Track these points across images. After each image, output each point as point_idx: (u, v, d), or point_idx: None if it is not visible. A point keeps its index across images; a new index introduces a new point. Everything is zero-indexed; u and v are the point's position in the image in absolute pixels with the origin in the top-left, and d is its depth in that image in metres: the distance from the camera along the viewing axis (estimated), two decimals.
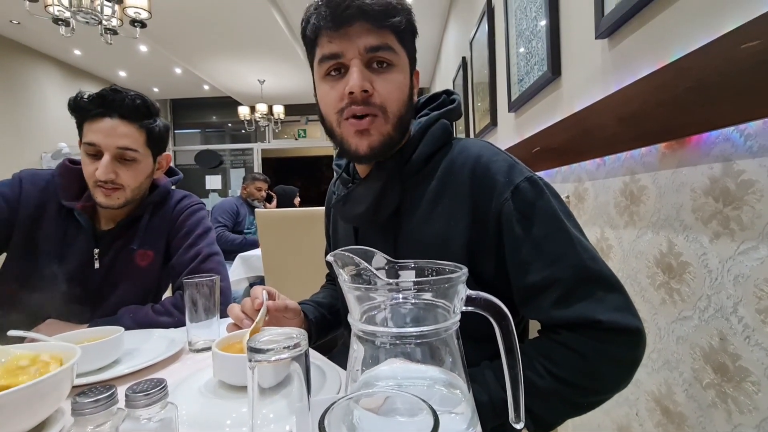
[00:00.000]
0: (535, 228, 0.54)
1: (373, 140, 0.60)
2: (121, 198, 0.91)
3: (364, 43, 0.57)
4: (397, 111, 0.61)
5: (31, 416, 0.43)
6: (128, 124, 0.89)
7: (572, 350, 0.50)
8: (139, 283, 0.98)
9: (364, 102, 0.58)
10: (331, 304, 0.84)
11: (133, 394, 0.36)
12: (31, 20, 3.92)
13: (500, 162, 0.59)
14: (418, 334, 0.30)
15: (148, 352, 0.71)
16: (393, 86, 0.60)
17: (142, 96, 0.92)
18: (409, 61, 0.63)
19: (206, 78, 5.96)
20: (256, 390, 0.36)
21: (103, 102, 0.87)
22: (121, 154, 0.89)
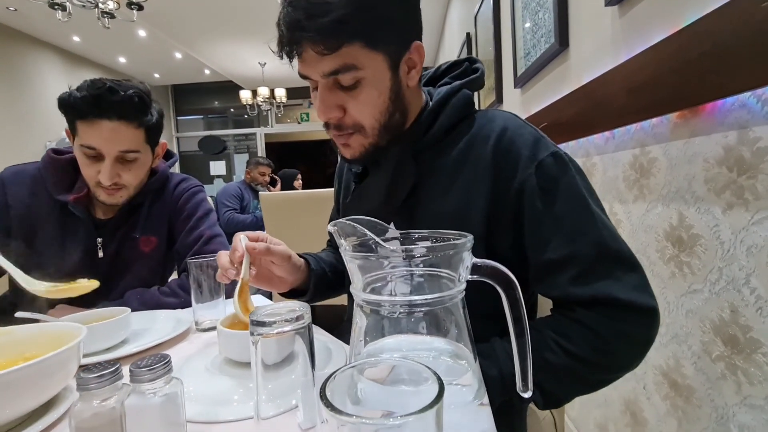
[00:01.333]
0: (558, 204, 0.53)
1: (355, 151, 0.61)
2: (124, 196, 0.91)
3: (321, 70, 0.54)
4: (375, 124, 0.58)
5: (39, 393, 0.43)
6: (127, 125, 0.85)
7: (587, 327, 0.50)
8: (145, 269, 0.99)
9: (337, 127, 0.59)
10: (332, 263, 0.81)
11: (137, 369, 0.36)
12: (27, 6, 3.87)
13: (526, 135, 0.56)
14: (422, 302, 0.29)
15: (155, 332, 0.71)
16: (364, 104, 0.57)
17: (138, 90, 0.87)
18: (388, 57, 0.56)
19: (206, 62, 5.89)
20: (260, 363, 0.36)
21: (99, 103, 0.82)
22: (123, 156, 0.87)
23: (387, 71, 0.57)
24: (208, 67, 6.24)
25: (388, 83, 0.57)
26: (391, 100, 0.58)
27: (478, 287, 0.34)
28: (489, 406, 0.33)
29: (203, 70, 6.42)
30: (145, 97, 0.89)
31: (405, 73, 0.59)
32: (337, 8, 0.50)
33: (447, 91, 0.62)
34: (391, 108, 0.58)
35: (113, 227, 0.95)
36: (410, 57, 0.59)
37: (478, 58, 0.69)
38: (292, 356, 0.41)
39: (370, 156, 0.61)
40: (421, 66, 0.61)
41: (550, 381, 0.51)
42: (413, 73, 0.60)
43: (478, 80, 0.65)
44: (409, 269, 0.31)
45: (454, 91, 0.62)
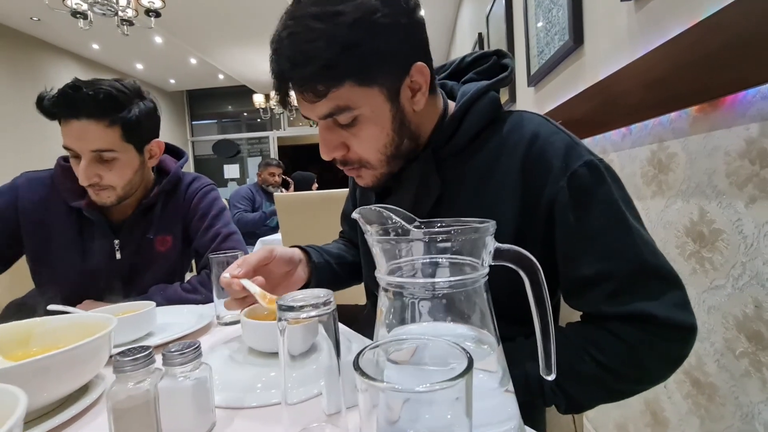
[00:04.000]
0: (592, 218, 0.49)
1: (368, 181, 0.60)
2: (112, 196, 0.89)
3: (316, 114, 0.53)
4: (381, 157, 0.56)
5: (73, 379, 0.45)
6: (97, 123, 0.83)
7: (620, 339, 0.48)
8: (162, 268, 1.01)
9: (343, 163, 0.58)
10: (340, 255, 0.80)
11: (169, 353, 0.38)
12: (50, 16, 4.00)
13: (557, 143, 0.53)
14: (444, 284, 0.29)
15: (178, 326, 0.73)
16: (366, 141, 0.55)
17: (109, 87, 0.84)
18: (385, 89, 0.53)
19: (220, 67, 5.99)
20: (287, 349, 0.37)
21: (66, 102, 0.82)
22: (98, 156, 0.85)
23: (385, 104, 0.53)
24: (222, 72, 6.35)
25: (389, 115, 0.54)
26: (395, 131, 0.55)
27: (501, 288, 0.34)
28: (514, 394, 0.33)
29: (217, 75, 6.54)
30: (118, 94, 0.85)
31: (408, 98, 0.55)
32: (319, 54, 0.48)
33: (472, 95, 0.58)
34: (396, 139, 0.56)
35: (129, 229, 0.96)
36: (412, 81, 0.54)
37: (507, 52, 0.64)
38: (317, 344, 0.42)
39: (387, 182, 0.60)
40: (428, 86, 0.56)
41: (575, 388, 0.50)
42: (418, 96, 0.56)
43: (506, 80, 0.60)
44: (432, 257, 0.32)
45: (479, 94, 0.58)
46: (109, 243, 0.95)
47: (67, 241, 0.92)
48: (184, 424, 0.38)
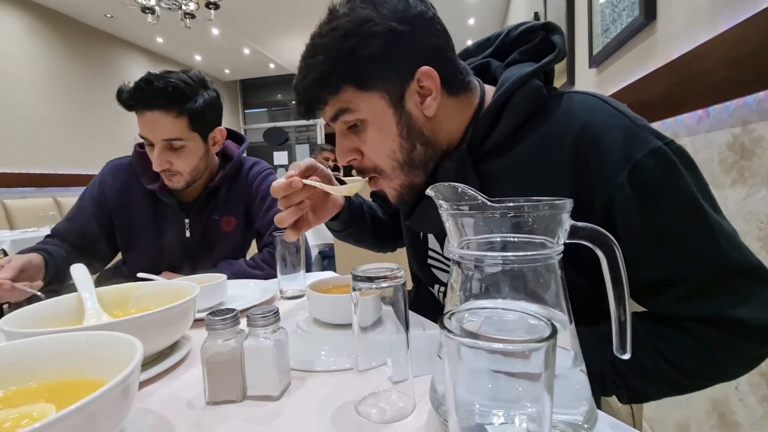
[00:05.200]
0: (662, 214, 0.44)
1: (393, 195, 0.59)
2: (180, 181, 0.96)
3: (326, 118, 0.56)
4: (393, 164, 0.55)
5: (167, 335, 0.51)
6: (167, 113, 0.89)
7: (699, 341, 0.45)
8: (228, 245, 1.08)
9: (360, 171, 0.58)
10: (372, 207, 0.82)
11: (253, 315, 0.41)
12: (122, 12, 4.32)
13: (614, 131, 0.47)
14: (517, 258, 0.30)
15: (246, 298, 0.79)
16: (373, 146, 0.54)
17: (177, 79, 0.90)
18: (386, 94, 0.52)
19: (272, 56, 6.18)
20: (359, 319, 0.39)
21: (140, 95, 0.89)
22: (168, 144, 0.92)
23: (387, 109, 0.53)
24: (273, 61, 6.55)
25: (392, 120, 0.53)
26: (403, 137, 0.54)
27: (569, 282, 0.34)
28: (587, 375, 0.33)
29: (269, 64, 6.75)
30: (184, 86, 0.90)
31: (416, 104, 0.53)
32: (317, 66, 0.51)
33: (509, 86, 0.53)
34: (405, 145, 0.54)
35: (197, 210, 1.04)
36: (421, 86, 0.53)
37: (557, 25, 0.57)
38: (384, 316, 0.44)
39: (414, 195, 0.58)
40: (438, 91, 0.53)
41: (639, 380, 0.48)
42: (428, 102, 0.53)
43: (554, 62, 0.55)
44: (506, 233, 0.32)
45: (518, 85, 0.53)
46: (181, 222, 1.04)
47: (145, 220, 1.02)
48: (265, 380, 0.42)
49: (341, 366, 0.48)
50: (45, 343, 0.38)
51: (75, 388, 0.36)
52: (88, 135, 4.81)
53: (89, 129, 4.82)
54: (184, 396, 0.43)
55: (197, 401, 0.42)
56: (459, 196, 0.34)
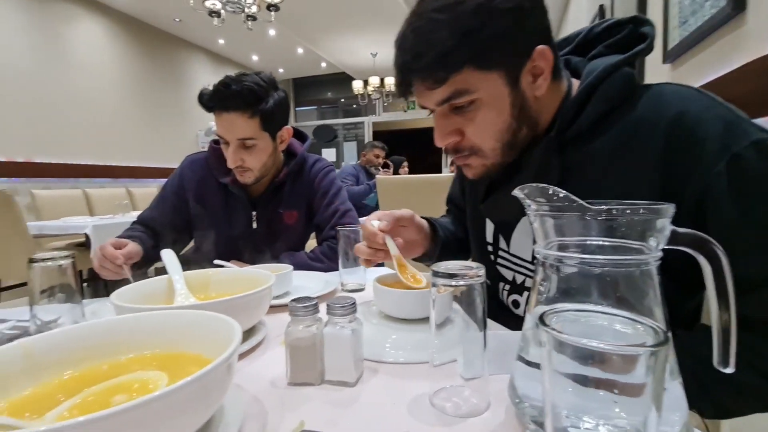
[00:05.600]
0: (763, 209, 0.42)
1: (476, 171, 0.59)
2: (251, 177, 1.03)
3: (434, 100, 0.54)
4: (496, 145, 0.55)
5: (248, 319, 0.54)
6: (241, 114, 0.95)
7: None
8: (290, 238, 1.14)
9: (455, 150, 0.58)
10: (453, 231, 0.82)
11: (333, 305, 0.44)
12: (189, 16, 4.62)
13: (711, 120, 0.45)
14: (610, 263, 0.29)
15: (309, 289, 0.83)
16: (482, 127, 0.54)
17: (251, 82, 0.96)
18: (505, 74, 0.52)
19: (324, 55, 6.34)
20: (436, 314, 0.40)
21: (218, 97, 0.96)
22: (242, 143, 0.99)
23: (504, 88, 0.52)
24: (325, 60, 6.71)
25: (508, 100, 0.53)
26: (514, 117, 0.54)
27: None
28: (683, 386, 0.32)
29: (321, 63, 6.93)
30: (258, 88, 0.97)
31: (529, 83, 0.53)
32: (440, 42, 0.49)
33: (599, 73, 0.52)
34: (514, 125, 0.54)
35: (264, 203, 1.11)
36: (534, 65, 0.52)
37: (648, 18, 0.56)
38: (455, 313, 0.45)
39: (494, 174, 0.59)
40: (550, 71, 0.53)
41: (726, 394, 0.45)
42: (540, 82, 0.53)
43: (645, 52, 0.53)
44: (596, 239, 0.32)
45: (608, 72, 0.52)
46: (248, 214, 1.10)
47: (217, 211, 1.10)
48: (342, 367, 0.44)
49: (410, 359, 0.49)
50: (153, 318, 0.42)
51: (180, 360, 0.40)
52: (156, 131, 5.20)
53: (157, 125, 5.21)
54: (266, 375, 0.46)
55: (279, 381, 0.45)
56: (549, 197, 0.33)
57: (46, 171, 3.86)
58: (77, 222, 2.66)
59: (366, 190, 3.16)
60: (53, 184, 3.91)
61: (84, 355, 0.39)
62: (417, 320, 0.60)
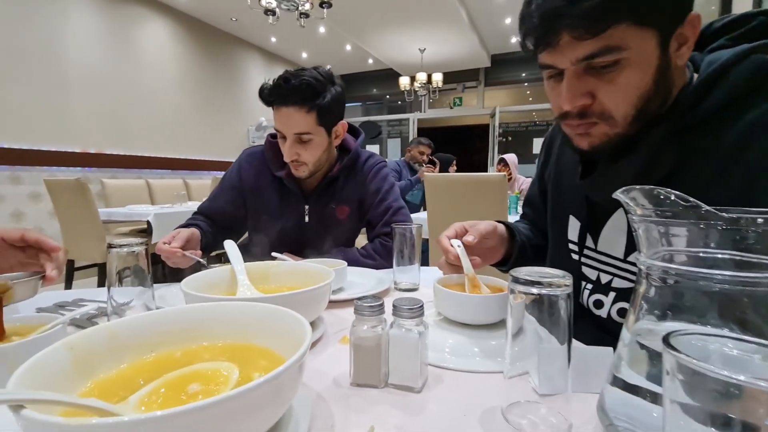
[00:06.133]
0: None
1: (594, 140, 0.55)
2: (305, 171, 1.04)
3: (575, 56, 0.49)
4: (630, 111, 0.51)
5: (309, 313, 0.54)
6: (299, 109, 0.97)
7: None
8: (341, 233, 1.14)
9: (581, 115, 0.53)
10: (530, 237, 0.80)
11: (400, 306, 0.42)
12: (245, 15, 4.80)
13: None
14: (731, 279, 0.25)
15: (362, 285, 0.82)
16: (622, 89, 0.50)
17: (309, 77, 0.97)
18: (658, 33, 0.48)
19: (372, 51, 6.36)
20: (514, 323, 0.38)
21: (278, 92, 0.97)
22: (298, 138, 1.00)
23: (656, 49, 0.48)
24: (372, 57, 6.73)
25: (655, 63, 0.49)
26: (656, 83, 0.50)
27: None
28: None
29: (368, 59, 6.96)
30: (316, 83, 0.97)
31: (674, 50, 0.50)
32: None
33: (727, 59, 0.49)
34: (652, 92, 0.50)
35: (316, 198, 1.12)
36: (682, 32, 0.49)
37: None
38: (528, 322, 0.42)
39: (611, 147, 0.54)
40: (694, 41, 0.50)
41: None
42: (683, 50, 0.50)
43: None
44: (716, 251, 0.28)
45: (738, 58, 0.49)
46: (301, 208, 1.12)
47: (272, 204, 1.12)
48: (407, 371, 0.42)
49: (476, 367, 0.47)
50: (225, 308, 0.43)
51: (250, 353, 0.40)
52: (211, 126, 5.46)
53: (211, 121, 5.48)
54: (329, 373, 0.46)
55: (342, 380, 0.44)
56: (659, 200, 0.30)
57: (114, 162, 4.18)
58: (141, 210, 2.85)
59: (408, 185, 3.14)
60: (120, 174, 4.23)
61: (161, 340, 0.41)
62: (477, 326, 0.58)
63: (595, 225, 0.64)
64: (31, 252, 0.58)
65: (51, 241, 0.58)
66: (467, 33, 5.55)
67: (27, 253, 0.58)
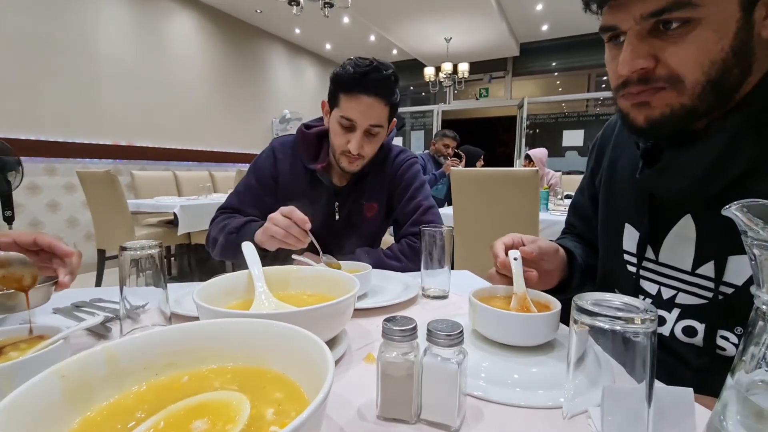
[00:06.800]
0: None
1: (654, 113, 0.48)
2: (360, 165, 1.00)
3: (643, 10, 0.44)
4: (701, 77, 0.45)
5: (330, 330, 0.49)
6: (380, 101, 0.93)
7: None
8: (367, 231, 1.09)
9: (642, 80, 0.47)
10: (583, 256, 0.72)
11: (436, 331, 0.36)
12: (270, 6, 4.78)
13: None
14: None
15: (388, 292, 0.76)
16: (692, 50, 0.44)
17: (393, 71, 0.94)
18: None
19: (396, 42, 6.24)
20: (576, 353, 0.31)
21: (364, 80, 0.91)
22: (370, 130, 0.95)
23: (737, 10, 0.42)
24: (396, 47, 6.62)
25: (734, 26, 0.43)
26: (733, 50, 0.43)
27: None
28: None
29: (392, 50, 6.85)
30: (395, 80, 0.95)
31: (761, 18, 0.44)
32: None
33: None
34: (730, 60, 0.44)
35: (346, 194, 1.06)
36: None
37: None
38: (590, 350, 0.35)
39: (675, 123, 0.48)
40: None
41: None
42: None
43: None
44: None
45: None
46: (331, 205, 1.06)
47: (301, 197, 1.07)
48: (443, 406, 0.36)
49: (522, 401, 0.40)
50: (238, 326, 0.38)
51: (263, 379, 0.35)
52: (235, 118, 5.51)
53: (236, 113, 5.52)
54: (353, 402, 0.40)
55: (367, 412, 0.39)
56: None
57: (143, 154, 4.27)
58: (167, 202, 2.89)
59: (432, 180, 3.05)
60: (149, 165, 4.32)
61: (167, 361, 0.36)
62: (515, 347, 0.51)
63: (655, 234, 0.57)
64: (44, 256, 0.55)
65: (64, 245, 0.55)
66: (496, 20, 5.35)
67: (40, 257, 0.55)
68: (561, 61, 6.71)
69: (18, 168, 2.70)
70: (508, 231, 0.78)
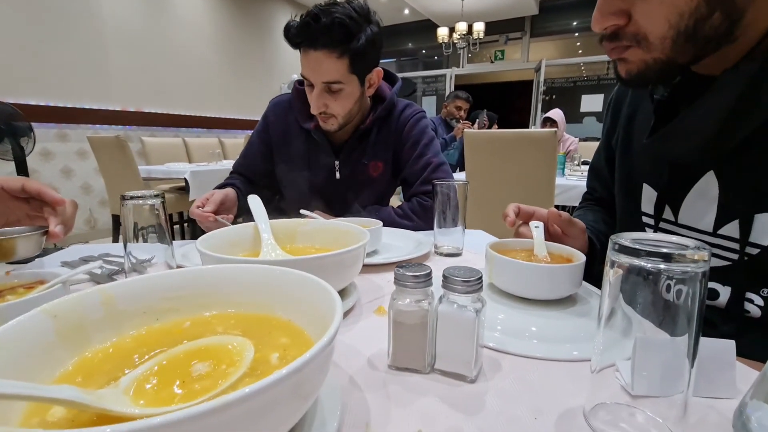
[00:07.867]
0: None
1: (631, 67, 0.48)
2: (334, 124, 0.94)
3: None
4: (666, 31, 0.43)
5: (339, 280, 0.47)
6: (329, 54, 0.85)
7: None
8: (374, 191, 1.05)
9: (613, 37, 0.46)
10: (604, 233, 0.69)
11: (453, 277, 0.34)
12: None
13: None
14: None
15: (399, 249, 0.74)
16: (656, 7, 0.42)
17: (342, 14, 0.83)
18: None
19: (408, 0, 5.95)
20: (610, 301, 0.28)
21: (306, 32, 0.84)
22: (327, 87, 0.89)
23: None
24: (408, 6, 6.32)
25: None
26: None
27: None
28: None
29: (404, 9, 6.55)
30: (350, 22, 0.83)
31: None
32: None
33: None
34: (703, 8, 0.40)
35: (347, 152, 1.01)
36: None
37: None
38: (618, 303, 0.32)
39: (655, 75, 0.46)
40: None
41: None
42: None
43: None
44: None
45: None
46: (331, 163, 1.03)
47: (299, 157, 1.04)
48: (459, 356, 0.34)
49: (542, 353, 0.38)
50: (243, 272, 0.36)
51: (268, 325, 0.33)
52: (243, 83, 5.40)
53: (244, 78, 5.40)
54: (362, 352, 0.39)
55: (378, 362, 0.37)
56: None
57: (153, 120, 4.24)
58: (178, 168, 2.88)
59: (443, 144, 2.97)
60: (159, 132, 4.29)
61: (168, 306, 0.35)
62: (532, 301, 0.49)
63: (675, 193, 0.53)
64: (35, 204, 0.53)
65: (53, 192, 0.52)
66: None
67: (32, 205, 0.53)
68: (582, 20, 6.34)
69: (30, 134, 2.70)
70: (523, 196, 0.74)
